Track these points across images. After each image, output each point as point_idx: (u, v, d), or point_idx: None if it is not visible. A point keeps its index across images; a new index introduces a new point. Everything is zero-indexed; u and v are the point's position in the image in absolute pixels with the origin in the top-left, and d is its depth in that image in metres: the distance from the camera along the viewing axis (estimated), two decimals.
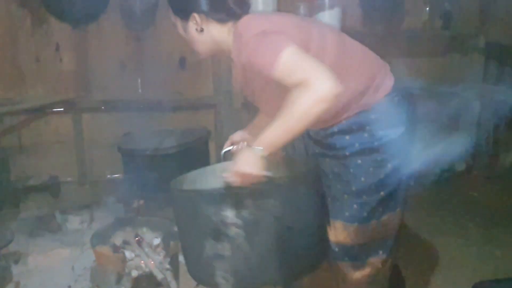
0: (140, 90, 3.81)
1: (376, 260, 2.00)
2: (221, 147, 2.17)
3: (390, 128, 1.87)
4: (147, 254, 2.40)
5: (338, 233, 1.95)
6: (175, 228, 2.12)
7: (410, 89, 2.01)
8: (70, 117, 3.75)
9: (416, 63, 4.22)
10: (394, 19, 4.02)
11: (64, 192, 3.66)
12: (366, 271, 2.00)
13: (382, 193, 1.90)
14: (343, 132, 1.88)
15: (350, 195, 1.91)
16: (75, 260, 2.68)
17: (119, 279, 2.36)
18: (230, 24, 1.85)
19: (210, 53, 1.95)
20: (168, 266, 2.37)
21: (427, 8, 4.03)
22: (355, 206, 1.91)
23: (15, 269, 2.71)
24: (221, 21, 1.85)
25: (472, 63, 4.25)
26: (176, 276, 2.39)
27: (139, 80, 3.79)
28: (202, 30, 1.87)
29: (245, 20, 1.83)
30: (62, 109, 3.73)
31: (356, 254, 1.97)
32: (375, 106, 1.85)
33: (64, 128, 3.75)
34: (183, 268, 2.62)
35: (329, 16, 3.70)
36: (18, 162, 3.65)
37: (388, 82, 1.89)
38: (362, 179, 1.89)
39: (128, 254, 2.38)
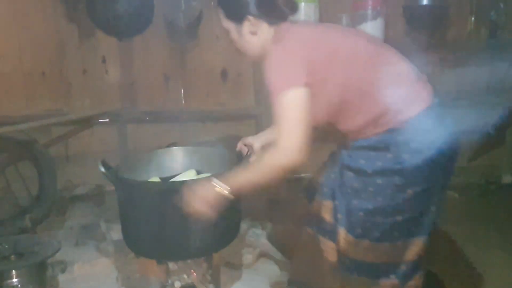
0: (183, 102, 3.86)
1: (387, 283, 1.96)
2: None
3: (416, 152, 1.80)
4: (190, 265, 2.42)
5: (350, 247, 1.95)
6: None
7: (449, 109, 1.90)
8: (116, 127, 3.84)
9: (462, 73, 4.14)
10: (438, 29, 3.96)
11: (109, 202, 3.72)
12: None
13: (398, 217, 1.87)
14: (369, 148, 1.86)
15: (365, 212, 1.88)
16: (119, 270, 2.73)
17: None
18: (274, 27, 1.91)
19: (258, 56, 1.97)
20: (209, 278, 2.39)
21: (473, 18, 3.96)
22: (368, 224, 1.90)
23: (61, 277, 2.76)
24: (271, 23, 1.91)
25: None
26: None
27: (182, 92, 3.85)
28: (255, 33, 1.92)
29: (284, 27, 1.91)
30: (107, 119, 3.81)
31: (365, 271, 1.96)
32: (405, 126, 1.81)
33: (109, 139, 3.83)
34: (224, 280, 2.65)
35: (372, 27, 3.67)
36: (64, 171, 3.75)
37: (424, 99, 1.84)
38: (380, 199, 1.86)
39: (171, 265, 2.40)
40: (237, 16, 1.92)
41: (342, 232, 1.96)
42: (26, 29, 3.59)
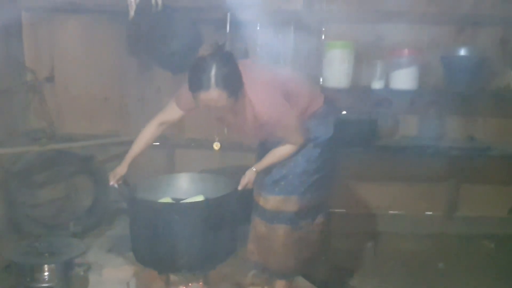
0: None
1: (302, 223, 2.80)
2: None
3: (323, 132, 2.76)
4: (189, 279, 2.72)
5: (280, 204, 2.73)
6: None
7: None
8: (165, 151, 4.27)
9: (502, 124, 4.16)
10: (479, 79, 3.99)
11: None
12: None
13: (316, 176, 2.75)
14: None
15: (294, 174, 2.73)
16: (133, 278, 3.09)
17: None
18: None
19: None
20: None
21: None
22: (297, 183, 2.73)
23: (91, 278, 3.17)
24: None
25: None
26: None
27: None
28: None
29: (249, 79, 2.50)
30: (158, 143, 4.23)
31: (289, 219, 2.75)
32: (312, 116, 2.74)
33: (158, 160, 4.25)
34: None
35: (406, 73, 3.85)
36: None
37: (320, 101, 2.80)
38: (304, 164, 2.72)
39: (172, 277, 2.72)
40: (238, 91, 2.41)
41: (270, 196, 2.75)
42: (94, 59, 4.16)
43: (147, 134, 2.97)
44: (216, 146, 2.82)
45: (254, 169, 2.70)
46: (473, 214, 4.32)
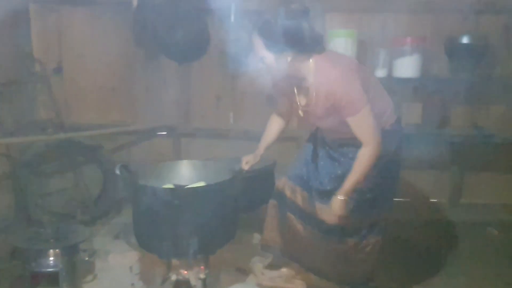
0: (232, 121, 4.26)
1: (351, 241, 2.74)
2: None
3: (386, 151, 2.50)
4: (190, 263, 2.78)
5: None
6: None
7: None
8: (171, 140, 4.33)
9: (507, 111, 4.15)
10: (483, 66, 3.99)
11: None
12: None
13: (369, 195, 2.64)
14: (353, 145, 2.52)
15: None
16: (137, 262, 3.17)
17: (163, 281, 2.79)
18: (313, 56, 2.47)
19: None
20: (203, 277, 2.74)
21: None
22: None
23: (98, 264, 3.25)
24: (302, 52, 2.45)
25: None
26: (204, 285, 2.75)
27: (232, 113, 4.25)
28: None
29: (327, 55, 2.49)
30: (165, 132, 4.31)
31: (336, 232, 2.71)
32: (389, 128, 2.59)
33: (165, 149, 4.33)
34: (227, 280, 2.99)
35: (410, 62, 3.86)
36: None
37: (392, 119, 2.64)
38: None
39: (173, 261, 2.78)
40: (279, 46, 2.41)
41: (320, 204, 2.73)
42: (101, 50, 4.23)
43: (274, 124, 3.03)
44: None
45: (341, 197, 2.52)
46: (477, 201, 4.33)
